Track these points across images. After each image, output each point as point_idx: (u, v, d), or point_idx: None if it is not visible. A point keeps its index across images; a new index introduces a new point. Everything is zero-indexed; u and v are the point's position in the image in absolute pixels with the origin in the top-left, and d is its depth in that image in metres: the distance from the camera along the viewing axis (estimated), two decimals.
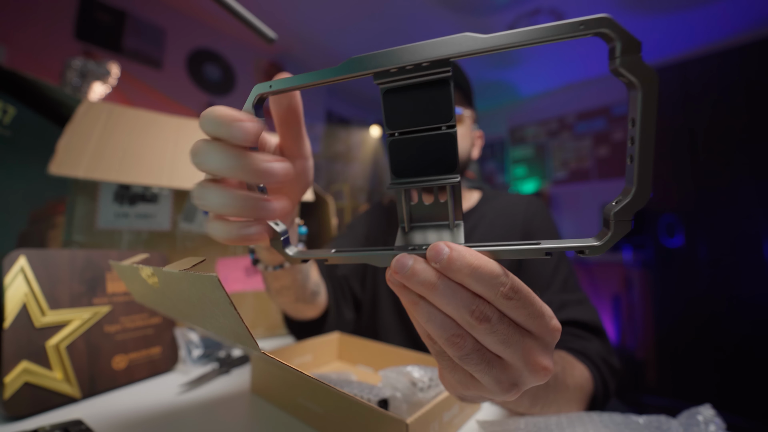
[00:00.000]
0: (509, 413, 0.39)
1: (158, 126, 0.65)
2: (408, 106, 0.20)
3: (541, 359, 0.20)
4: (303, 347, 0.51)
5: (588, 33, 0.16)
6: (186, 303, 0.29)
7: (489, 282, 0.18)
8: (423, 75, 0.19)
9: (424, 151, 0.20)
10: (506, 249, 0.19)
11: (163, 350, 0.50)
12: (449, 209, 0.21)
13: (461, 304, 0.19)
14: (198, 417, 0.38)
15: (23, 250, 0.39)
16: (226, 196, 0.21)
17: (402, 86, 0.20)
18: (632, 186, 0.17)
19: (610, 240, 0.18)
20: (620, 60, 0.16)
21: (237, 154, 0.21)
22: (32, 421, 0.36)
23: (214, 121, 0.20)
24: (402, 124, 0.20)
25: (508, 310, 0.19)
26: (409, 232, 0.22)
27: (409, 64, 0.19)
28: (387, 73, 0.19)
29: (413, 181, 0.21)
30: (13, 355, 0.37)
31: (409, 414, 0.31)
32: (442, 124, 0.20)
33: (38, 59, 1.57)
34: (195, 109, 2.13)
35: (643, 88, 0.16)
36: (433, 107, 0.20)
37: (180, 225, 0.68)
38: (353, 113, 3.30)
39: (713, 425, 0.30)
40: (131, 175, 0.58)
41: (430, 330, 0.20)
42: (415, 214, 0.22)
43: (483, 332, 0.19)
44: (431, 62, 0.18)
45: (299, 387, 0.37)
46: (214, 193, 0.21)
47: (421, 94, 0.20)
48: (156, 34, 2.00)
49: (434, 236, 0.21)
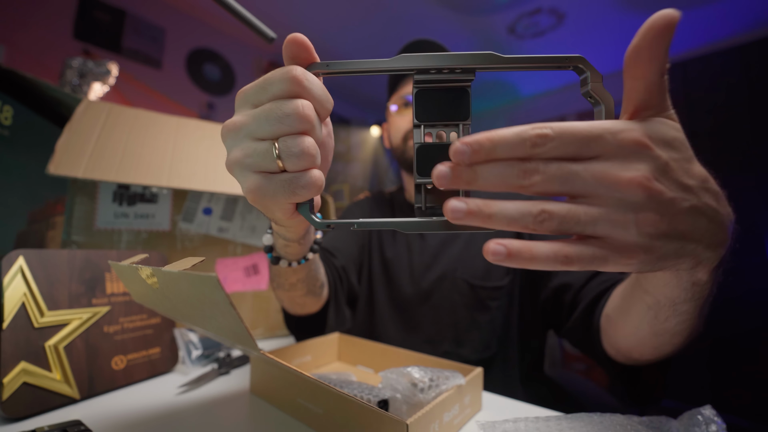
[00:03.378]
0: (511, 417, 0.39)
1: (158, 126, 0.65)
2: (435, 104, 0.25)
3: (622, 173, 0.19)
4: (303, 348, 0.51)
5: (569, 65, 0.23)
6: (185, 303, 0.29)
7: (510, 142, 0.20)
8: (451, 80, 0.24)
9: (445, 157, 0.24)
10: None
11: (162, 351, 0.50)
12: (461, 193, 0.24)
13: (505, 174, 0.20)
14: (197, 418, 0.38)
15: (22, 251, 0.39)
16: (310, 142, 0.23)
17: (432, 87, 0.25)
18: None
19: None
20: (591, 86, 0.23)
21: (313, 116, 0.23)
22: (31, 422, 0.36)
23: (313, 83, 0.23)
24: (428, 118, 0.25)
25: (551, 152, 0.19)
26: (426, 211, 0.25)
27: (447, 67, 0.23)
28: (427, 72, 0.24)
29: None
30: (12, 355, 0.36)
31: (409, 415, 0.31)
32: (460, 122, 0.24)
33: (38, 59, 1.57)
34: (194, 109, 2.13)
35: (606, 106, 0.23)
36: (455, 106, 0.25)
37: (179, 225, 0.67)
38: (353, 113, 3.30)
39: (714, 425, 0.30)
40: (130, 175, 0.58)
41: (515, 223, 0.20)
42: (431, 199, 0.25)
43: (542, 184, 0.19)
44: (463, 69, 0.24)
45: (299, 387, 0.37)
46: (304, 139, 0.23)
47: (447, 95, 0.25)
48: (155, 34, 2.00)
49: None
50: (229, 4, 0.40)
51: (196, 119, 0.70)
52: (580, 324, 0.49)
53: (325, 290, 0.55)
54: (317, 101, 0.24)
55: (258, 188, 0.24)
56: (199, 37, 2.20)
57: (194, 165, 0.64)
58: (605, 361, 0.44)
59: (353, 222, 0.24)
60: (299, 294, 0.49)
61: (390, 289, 0.72)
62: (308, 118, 0.23)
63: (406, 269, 0.71)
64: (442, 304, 0.66)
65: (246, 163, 0.24)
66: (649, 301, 0.31)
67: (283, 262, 0.43)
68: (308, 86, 0.23)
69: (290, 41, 0.24)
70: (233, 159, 0.25)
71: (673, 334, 0.32)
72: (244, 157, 0.24)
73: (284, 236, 0.38)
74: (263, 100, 0.24)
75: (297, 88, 0.23)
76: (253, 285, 0.73)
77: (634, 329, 0.35)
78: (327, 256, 0.67)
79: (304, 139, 0.23)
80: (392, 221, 0.24)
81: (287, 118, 0.22)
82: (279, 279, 0.47)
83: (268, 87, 0.23)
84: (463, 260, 0.67)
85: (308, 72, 0.24)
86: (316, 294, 0.52)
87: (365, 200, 0.84)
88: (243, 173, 0.25)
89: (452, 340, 0.65)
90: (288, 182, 0.23)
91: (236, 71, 2.37)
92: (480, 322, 0.64)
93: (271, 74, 0.23)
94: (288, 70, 0.23)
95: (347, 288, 0.69)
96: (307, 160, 0.23)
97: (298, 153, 0.23)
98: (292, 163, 0.23)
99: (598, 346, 0.44)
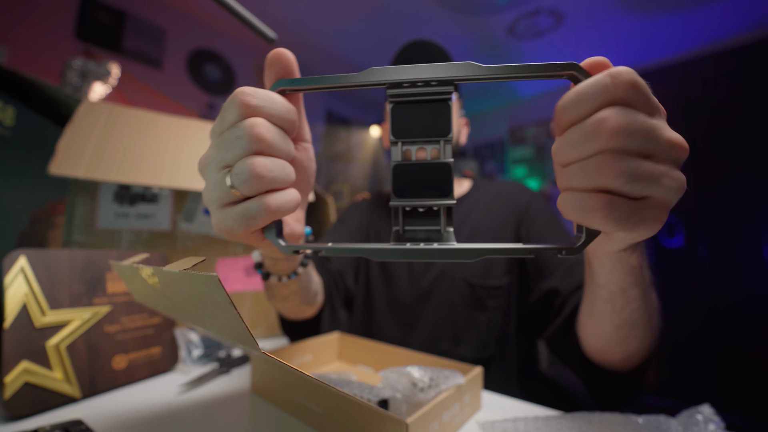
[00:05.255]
0: (510, 416, 0.39)
1: (158, 126, 0.65)
2: (413, 118, 0.23)
3: (675, 135, 0.20)
4: (303, 347, 0.51)
5: (563, 74, 0.21)
6: (186, 303, 0.29)
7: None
8: (428, 93, 0.22)
9: (424, 177, 0.23)
10: (494, 248, 0.21)
11: (163, 350, 0.50)
12: (442, 218, 0.23)
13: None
14: (198, 417, 0.38)
15: (23, 250, 0.39)
16: (277, 162, 0.23)
17: (409, 101, 0.23)
18: None
19: (583, 244, 0.21)
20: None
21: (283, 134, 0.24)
22: (32, 421, 0.36)
23: (272, 99, 0.23)
24: (407, 134, 0.23)
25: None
26: (404, 234, 0.24)
27: (420, 80, 0.22)
28: (400, 86, 0.22)
29: (414, 203, 0.23)
30: (13, 355, 0.37)
31: (409, 414, 0.31)
32: (441, 138, 0.23)
33: (38, 59, 1.57)
34: (195, 110, 2.13)
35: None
36: (434, 121, 0.23)
37: (180, 225, 0.68)
38: (353, 113, 3.30)
39: (713, 424, 0.30)
40: (131, 175, 0.58)
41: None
42: (410, 222, 0.24)
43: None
44: (439, 81, 0.22)
45: (299, 387, 0.37)
46: (269, 160, 0.22)
47: (425, 109, 0.23)
48: (156, 34, 2.00)
49: (424, 236, 0.24)
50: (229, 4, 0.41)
51: (196, 119, 0.70)
52: (559, 331, 0.49)
53: (319, 297, 0.55)
54: (274, 115, 0.23)
55: (218, 223, 0.24)
56: (200, 37, 2.20)
57: (195, 165, 0.64)
58: (581, 367, 0.44)
59: (321, 248, 0.23)
60: (293, 305, 0.50)
61: (388, 288, 0.72)
62: (259, 135, 0.22)
63: (405, 269, 0.71)
64: (441, 303, 0.66)
65: (210, 198, 0.24)
66: (604, 294, 0.33)
67: (273, 278, 0.43)
68: (258, 104, 0.22)
69: (270, 57, 0.24)
70: (203, 196, 0.25)
71: (632, 324, 0.34)
72: (208, 192, 0.24)
73: (269, 255, 0.38)
74: (223, 128, 0.23)
75: (246, 109, 0.22)
76: (253, 285, 0.73)
77: (599, 326, 0.37)
78: (322, 260, 0.67)
79: (254, 160, 0.22)
80: (364, 248, 0.23)
81: (238, 141, 0.22)
82: (271, 291, 0.47)
83: (224, 115, 0.23)
84: None
85: (259, 90, 0.23)
86: (311, 303, 0.53)
87: (364, 202, 0.84)
88: (210, 209, 0.24)
89: (450, 340, 0.65)
90: (239, 213, 0.23)
91: (236, 71, 2.37)
92: (478, 321, 0.64)
93: (228, 100, 0.23)
94: (234, 94, 0.22)
95: (343, 291, 0.69)
96: (258, 183, 0.22)
97: (247, 177, 0.21)
98: (244, 189, 0.22)
99: (575, 352, 0.44)
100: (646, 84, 0.19)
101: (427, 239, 0.23)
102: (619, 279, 0.30)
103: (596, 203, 0.19)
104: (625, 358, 0.39)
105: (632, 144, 0.19)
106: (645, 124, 0.19)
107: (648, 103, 0.19)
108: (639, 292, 0.31)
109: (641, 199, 0.19)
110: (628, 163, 0.18)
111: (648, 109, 0.19)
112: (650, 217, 0.20)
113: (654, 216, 0.20)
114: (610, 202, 0.19)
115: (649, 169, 0.19)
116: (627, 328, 0.34)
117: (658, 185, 0.19)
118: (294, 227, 0.32)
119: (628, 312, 0.33)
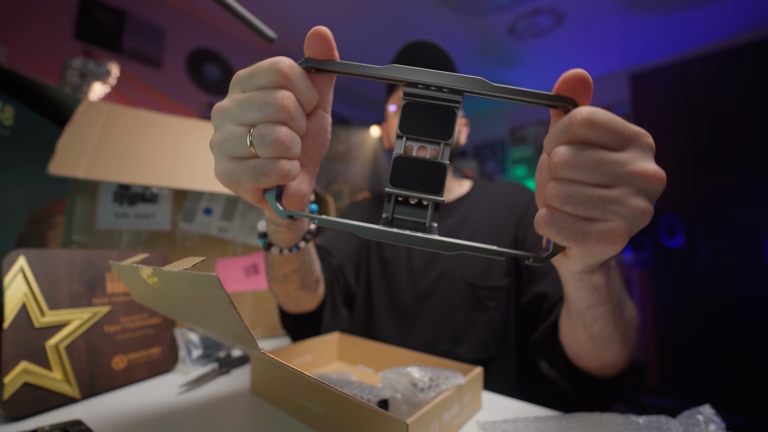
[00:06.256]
0: (510, 417, 0.39)
1: (158, 126, 0.65)
2: (421, 118, 0.25)
3: (650, 167, 0.22)
4: (303, 347, 0.51)
5: (559, 105, 0.23)
6: (186, 303, 0.29)
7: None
8: (439, 98, 0.24)
9: (420, 172, 0.25)
10: (467, 245, 0.24)
11: (162, 350, 0.50)
12: (429, 212, 0.25)
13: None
14: (198, 417, 0.38)
15: (22, 251, 0.39)
16: (294, 135, 0.24)
17: (421, 102, 0.25)
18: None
19: (549, 256, 0.24)
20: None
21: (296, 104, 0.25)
22: (32, 422, 0.36)
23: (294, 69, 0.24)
24: (413, 131, 0.25)
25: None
26: (392, 221, 0.26)
27: (435, 84, 0.24)
28: (415, 86, 0.24)
29: (407, 193, 0.25)
30: (13, 355, 0.37)
31: (409, 415, 0.31)
32: (442, 141, 0.25)
33: (38, 59, 1.57)
34: (195, 109, 2.13)
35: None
36: (439, 124, 0.25)
37: (180, 225, 0.68)
38: (353, 113, 3.30)
39: (713, 425, 0.30)
40: (131, 175, 0.58)
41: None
42: (399, 210, 0.26)
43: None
44: (450, 89, 0.24)
45: (299, 387, 0.37)
46: (290, 131, 0.24)
47: (434, 113, 0.25)
48: (156, 34, 2.00)
49: (411, 226, 0.25)
50: (229, 4, 0.40)
51: (196, 119, 0.70)
52: (546, 334, 0.50)
53: (320, 287, 0.55)
54: (301, 94, 0.25)
55: (225, 172, 0.25)
56: (199, 37, 2.20)
57: (194, 165, 0.64)
58: (565, 369, 0.45)
59: (315, 217, 0.25)
60: (293, 287, 0.49)
61: (388, 288, 0.72)
62: (287, 108, 0.23)
63: (405, 268, 0.71)
64: (441, 303, 0.66)
65: (222, 147, 0.25)
66: (574, 309, 0.35)
67: (274, 249, 0.43)
68: (293, 79, 0.24)
69: (312, 34, 0.24)
70: (213, 141, 0.26)
71: (605, 339, 0.35)
72: (221, 141, 0.25)
73: (273, 221, 0.39)
74: (250, 87, 0.25)
75: (282, 79, 0.24)
76: (253, 285, 0.73)
77: (575, 335, 0.39)
78: (324, 254, 0.67)
79: (279, 128, 0.24)
80: (353, 224, 0.24)
81: (266, 107, 0.23)
82: (273, 270, 0.47)
83: (256, 75, 0.25)
84: (463, 259, 0.67)
85: (296, 65, 0.24)
86: (311, 288, 0.52)
87: (364, 201, 0.84)
88: (218, 156, 0.26)
89: (450, 340, 0.65)
90: (252, 168, 0.24)
91: (236, 71, 2.37)
92: (478, 322, 0.64)
93: (261, 63, 0.25)
94: (276, 61, 0.24)
95: (344, 287, 0.69)
96: (278, 149, 0.24)
97: (270, 141, 0.23)
98: (262, 150, 0.24)
99: (559, 356, 0.45)
100: (610, 119, 0.21)
101: (413, 229, 0.25)
102: (584, 297, 0.32)
103: (542, 213, 0.23)
104: (602, 367, 0.40)
105: (576, 175, 0.22)
106: (592, 158, 0.21)
107: (614, 136, 0.21)
108: (606, 310, 0.33)
109: (589, 219, 0.22)
110: (565, 188, 0.22)
111: (613, 143, 0.22)
112: (597, 234, 0.22)
113: (601, 235, 0.22)
114: (551, 213, 0.23)
115: (590, 194, 0.21)
116: (599, 341, 0.36)
117: (603, 209, 0.21)
118: (300, 186, 0.31)
119: (597, 327, 0.34)
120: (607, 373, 0.41)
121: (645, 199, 0.22)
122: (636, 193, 0.22)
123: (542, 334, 0.51)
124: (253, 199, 0.27)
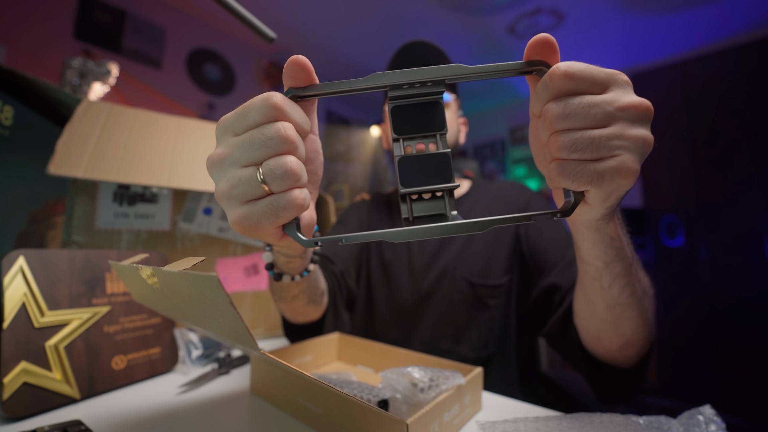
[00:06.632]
0: (511, 416, 0.39)
1: (158, 126, 0.65)
2: (411, 117, 0.26)
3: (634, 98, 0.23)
4: (303, 348, 0.51)
5: (533, 69, 0.25)
6: (186, 303, 0.29)
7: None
8: (423, 93, 0.26)
9: (426, 166, 0.26)
10: (498, 218, 0.24)
11: (162, 351, 0.50)
12: (446, 202, 0.26)
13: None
14: (197, 417, 0.38)
15: (22, 251, 0.39)
16: (300, 163, 0.24)
17: (407, 102, 0.26)
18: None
19: (573, 206, 0.25)
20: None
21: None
22: (31, 422, 0.36)
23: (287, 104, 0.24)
24: (406, 131, 0.26)
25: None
26: (413, 221, 0.26)
27: (416, 81, 0.25)
28: (400, 88, 0.25)
29: (420, 189, 0.26)
30: (12, 355, 0.36)
31: (409, 415, 0.31)
32: (437, 132, 0.26)
33: (38, 59, 1.57)
34: (195, 109, 2.13)
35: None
36: (430, 118, 0.26)
37: (179, 225, 0.68)
38: (353, 113, 3.30)
39: (713, 425, 0.30)
40: (131, 175, 0.58)
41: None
42: (417, 208, 0.26)
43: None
44: (432, 81, 0.25)
45: (299, 387, 0.37)
46: (297, 160, 0.24)
47: (421, 109, 0.26)
48: (156, 34, 2.00)
49: (432, 221, 0.26)
50: (229, 4, 0.40)
51: (196, 119, 0.70)
52: (559, 325, 0.49)
53: (325, 298, 0.55)
54: (297, 123, 0.25)
55: (242, 218, 0.24)
56: (199, 37, 2.20)
57: (194, 165, 0.64)
58: (581, 361, 0.44)
59: (341, 237, 0.24)
60: (301, 304, 0.50)
61: (389, 289, 0.72)
62: (290, 138, 0.23)
63: (406, 269, 0.71)
64: (442, 302, 0.66)
65: (233, 194, 0.24)
66: (591, 270, 0.34)
67: (285, 278, 0.43)
68: (287, 110, 0.24)
69: (290, 63, 0.24)
70: (221, 192, 0.25)
71: (623, 305, 0.35)
72: (230, 188, 0.24)
73: (285, 254, 0.39)
74: (243, 128, 0.24)
75: (277, 112, 0.24)
76: (253, 285, 0.73)
77: (593, 309, 0.38)
78: (325, 262, 0.67)
79: (288, 158, 0.23)
80: (380, 233, 0.24)
81: (270, 141, 0.23)
82: (281, 293, 0.47)
83: (248, 114, 0.24)
84: (464, 258, 0.67)
85: (285, 97, 0.24)
86: (317, 302, 0.52)
87: (363, 202, 0.83)
88: (230, 205, 0.25)
89: (451, 339, 0.65)
90: (269, 205, 0.24)
91: (236, 71, 2.37)
92: (479, 320, 0.64)
93: (251, 102, 0.24)
94: (267, 96, 0.24)
95: (346, 293, 0.69)
96: (291, 180, 0.23)
97: (282, 174, 0.23)
98: (276, 185, 0.23)
99: (574, 347, 0.45)
100: (585, 68, 0.23)
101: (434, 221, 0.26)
102: (601, 252, 0.32)
103: (552, 167, 0.24)
104: (622, 346, 0.39)
105: (572, 123, 0.23)
106: (581, 104, 0.23)
107: (593, 83, 0.23)
108: (623, 268, 0.33)
109: (598, 159, 0.23)
110: (567, 137, 0.23)
111: (594, 88, 0.23)
112: (610, 171, 0.23)
113: (614, 169, 0.23)
114: (561, 164, 0.24)
115: (591, 136, 0.23)
116: (619, 308, 0.35)
117: (608, 146, 0.23)
118: (312, 213, 0.32)
119: (616, 289, 0.34)
120: (627, 356, 0.40)
121: (642, 128, 0.23)
122: (631, 125, 0.23)
123: (555, 323, 0.50)
124: (274, 238, 0.26)
